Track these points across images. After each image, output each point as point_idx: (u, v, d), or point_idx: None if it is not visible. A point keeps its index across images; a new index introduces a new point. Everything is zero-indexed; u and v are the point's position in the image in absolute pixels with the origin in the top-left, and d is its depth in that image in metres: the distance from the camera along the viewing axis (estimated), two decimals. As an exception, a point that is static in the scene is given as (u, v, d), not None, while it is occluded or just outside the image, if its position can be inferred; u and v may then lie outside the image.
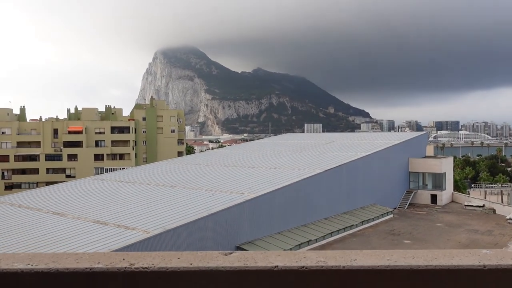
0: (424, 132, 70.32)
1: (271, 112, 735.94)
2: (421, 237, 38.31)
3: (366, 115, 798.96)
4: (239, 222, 31.85)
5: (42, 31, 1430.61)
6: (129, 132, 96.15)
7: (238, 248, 31.19)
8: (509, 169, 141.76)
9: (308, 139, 67.10)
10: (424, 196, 54.93)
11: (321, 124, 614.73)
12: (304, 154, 52.36)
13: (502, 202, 65.12)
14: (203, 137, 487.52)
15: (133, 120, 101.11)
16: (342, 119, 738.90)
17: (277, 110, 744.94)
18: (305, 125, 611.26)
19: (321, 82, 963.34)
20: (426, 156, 59.67)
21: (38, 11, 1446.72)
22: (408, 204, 52.88)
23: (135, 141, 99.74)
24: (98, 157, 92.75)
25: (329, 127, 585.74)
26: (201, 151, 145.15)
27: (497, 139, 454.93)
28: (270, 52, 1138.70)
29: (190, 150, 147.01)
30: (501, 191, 78.62)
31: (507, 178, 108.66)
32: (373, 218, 43.64)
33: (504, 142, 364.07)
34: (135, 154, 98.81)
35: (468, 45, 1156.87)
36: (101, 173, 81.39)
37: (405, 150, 56.00)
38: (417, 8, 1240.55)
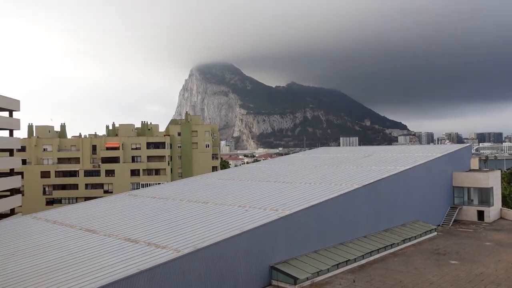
0: (468, 144, 66.97)
1: (305, 126, 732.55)
2: (469, 257, 35.67)
3: (404, 127, 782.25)
4: (273, 241, 30.45)
5: (83, 49, 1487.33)
6: (164, 148, 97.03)
7: (273, 268, 29.79)
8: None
9: (344, 153, 65.13)
10: (470, 212, 51.84)
11: (357, 137, 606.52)
12: (340, 168, 50.58)
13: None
14: (238, 151, 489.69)
15: (169, 135, 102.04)
16: (378, 132, 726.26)
17: (312, 123, 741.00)
18: (341, 138, 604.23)
19: (357, 95, 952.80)
20: (471, 170, 56.59)
21: (77, 29, 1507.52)
22: (452, 220, 50.01)
23: (171, 156, 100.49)
24: (134, 173, 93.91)
25: (365, 140, 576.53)
26: (236, 166, 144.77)
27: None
28: (304, 66, 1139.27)
29: (225, 165, 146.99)
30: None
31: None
32: (415, 236, 41.21)
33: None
34: (171, 169, 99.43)
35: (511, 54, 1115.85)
36: (137, 188, 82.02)
37: (448, 164, 53.23)
38: (458, 18, 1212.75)
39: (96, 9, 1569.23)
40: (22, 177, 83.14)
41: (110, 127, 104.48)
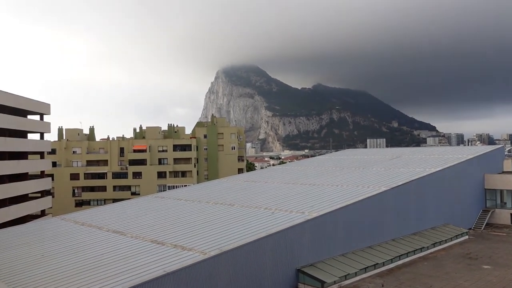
0: (500, 145, 64.92)
1: (332, 127, 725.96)
2: (503, 262, 34.45)
3: (432, 128, 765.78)
4: (299, 244, 30.15)
5: (110, 51, 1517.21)
6: (190, 150, 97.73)
7: (299, 271, 29.46)
8: None
9: (371, 155, 64.13)
10: (503, 216, 50.17)
11: (384, 139, 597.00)
12: (368, 171, 49.77)
13: None
14: (264, 153, 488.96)
15: (195, 138, 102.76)
16: (406, 134, 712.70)
17: (338, 125, 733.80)
18: (368, 140, 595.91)
19: (384, 96, 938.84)
20: (503, 172, 54.83)
21: (104, 31, 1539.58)
22: (485, 224, 48.53)
23: (197, 159, 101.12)
24: (161, 175, 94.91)
25: (393, 142, 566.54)
26: (262, 168, 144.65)
27: None
28: (329, 67, 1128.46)
29: (250, 167, 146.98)
30: None
31: None
32: (445, 240, 40.15)
33: None
34: (197, 171, 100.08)
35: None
36: (163, 190, 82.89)
37: (479, 165, 51.68)
38: (487, 18, 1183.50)
39: (123, 10, 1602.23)
40: (53, 179, 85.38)
41: (137, 130, 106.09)
